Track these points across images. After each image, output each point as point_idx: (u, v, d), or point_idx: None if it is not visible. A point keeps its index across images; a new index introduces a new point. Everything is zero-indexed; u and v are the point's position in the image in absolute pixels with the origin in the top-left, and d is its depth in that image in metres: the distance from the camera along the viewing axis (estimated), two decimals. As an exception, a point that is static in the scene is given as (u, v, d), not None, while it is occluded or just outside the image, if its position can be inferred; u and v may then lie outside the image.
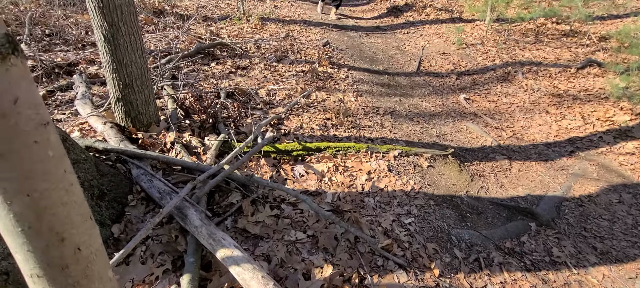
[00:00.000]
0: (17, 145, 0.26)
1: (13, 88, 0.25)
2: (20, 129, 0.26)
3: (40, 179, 0.28)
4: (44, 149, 0.28)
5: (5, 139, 0.25)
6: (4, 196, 0.28)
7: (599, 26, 4.89)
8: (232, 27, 4.36)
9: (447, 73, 3.55)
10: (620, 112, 2.59)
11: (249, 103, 2.56)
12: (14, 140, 0.25)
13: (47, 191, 0.29)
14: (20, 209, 0.28)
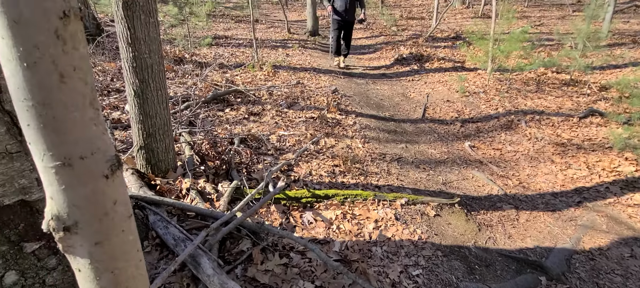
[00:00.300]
0: (111, 234, 0.34)
1: (114, 193, 0.33)
2: (115, 223, 0.34)
3: (121, 259, 0.36)
4: (127, 235, 0.36)
5: (104, 231, 0.33)
6: (95, 273, 0.35)
7: (598, 76, 5.04)
8: (246, 74, 4.63)
9: (452, 120, 3.66)
10: (625, 163, 2.62)
11: (260, 148, 2.67)
12: (110, 231, 0.33)
13: (124, 268, 0.36)
14: (105, 284, 0.35)
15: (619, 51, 6.60)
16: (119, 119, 2.92)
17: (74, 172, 0.33)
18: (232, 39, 7.69)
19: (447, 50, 6.88)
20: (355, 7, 5.18)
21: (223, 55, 5.82)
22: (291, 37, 8.49)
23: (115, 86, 3.62)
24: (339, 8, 5.04)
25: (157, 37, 1.65)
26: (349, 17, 5.13)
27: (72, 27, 0.34)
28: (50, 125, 0.31)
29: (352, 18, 5.19)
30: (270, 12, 14.34)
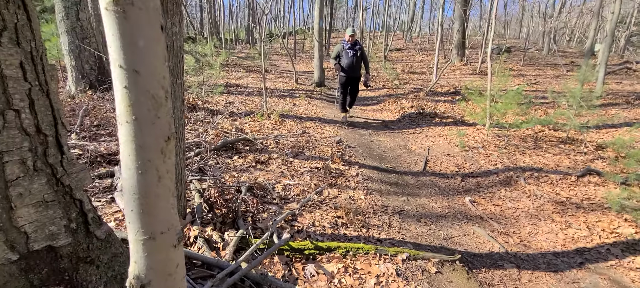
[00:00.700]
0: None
1: (178, 258, 0.43)
2: (176, 281, 0.44)
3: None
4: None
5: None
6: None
7: (594, 134, 5.20)
8: (255, 123, 4.84)
9: (452, 174, 3.76)
10: (625, 224, 2.65)
11: (266, 197, 2.76)
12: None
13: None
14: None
15: (613, 111, 6.84)
16: (132, 164, 3.05)
17: (155, 243, 0.44)
18: (243, 88, 8.09)
19: (447, 104, 7.17)
20: (361, 65, 5.50)
21: (233, 103, 6.11)
22: (298, 87, 8.91)
23: (130, 131, 3.81)
24: (345, 65, 5.36)
25: (182, 95, 1.83)
26: (355, 73, 5.44)
27: (170, 145, 0.47)
28: (146, 211, 0.42)
29: (357, 74, 5.48)
30: (280, 62, 15.15)
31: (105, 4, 0.39)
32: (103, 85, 4.91)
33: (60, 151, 1.19)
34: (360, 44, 5.42)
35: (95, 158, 2.99)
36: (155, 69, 0.42)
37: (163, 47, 0.43)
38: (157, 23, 0.41)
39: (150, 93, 0.42)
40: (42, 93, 1.11)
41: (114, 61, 0.40)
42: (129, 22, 0.39)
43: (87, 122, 3.86)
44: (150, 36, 0.40)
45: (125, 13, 0.38)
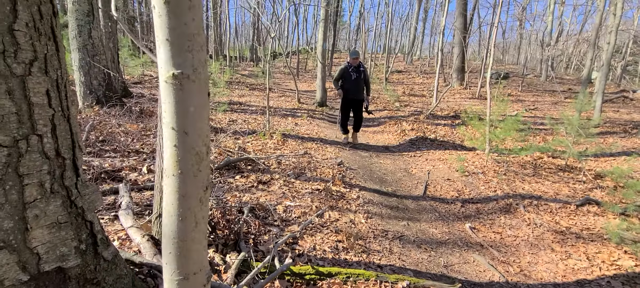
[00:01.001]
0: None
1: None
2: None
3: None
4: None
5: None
6: None
7: (593, 163, 5.25)
8: (257, 142, 4.90)
9: (452, 199, 3.78)
10: (625, 256, 2.66)
11: (267, 218, 2.78)
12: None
13: None
14: None
15: (611, 139, 6.92)
16: (136, 181, 3.08)
17: (188, 282, 0.48)
18: (246, 106, 8.20)
19: (447, 128, 7.26)
20: (363, 87, 5.54)
21: (237, 121, 6.19)
22: (301, 107, 9.03)
23: (134, 147, 3.86)
24: (348, 87, 5.42)
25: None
26: (357, 96, 5.48)
27: (208, 193, 0.52)
28: (183, 254, 0.47)
29: (360, 96, 5.51)
30: (282, 81, 15.38)
31: (165, 78, 0.44)
32: (110, 101, 5.00)
33: (76, 173, 1.23)
34: (363, 66, 5.50)
35: (99, 175, 3.02)
36: (201, 130, 0.47)
37: (208, 110, 0.48)
38: (206, 91, 0.47)
39: (195, 150, 0.47)
40: (64, 118, 1.16)
41: (166, 124, 0.45)
42: (184, 93, 0.44)
43: (93, 137, 3.91)
44: (200, 103, 0.46)
45: (181, 85, 0.43)
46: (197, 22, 0.48)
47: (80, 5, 4.55)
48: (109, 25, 5.54)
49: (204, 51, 0.48)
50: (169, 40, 0.45)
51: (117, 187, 2.79)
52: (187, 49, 0.46)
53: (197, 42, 0.47)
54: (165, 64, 0.46)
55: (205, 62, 0.47)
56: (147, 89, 8.41)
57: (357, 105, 5.59)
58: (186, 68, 0.45)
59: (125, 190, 2.55)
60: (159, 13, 0.46)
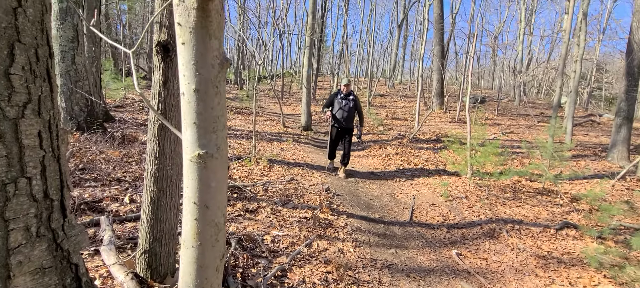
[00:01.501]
0: None
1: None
2: None
3: None
4: None
5: None
6: None
7: (568, 185, 5.49)
8: (243, 168, 4.85)
9: (438, 225, 3.84)
10: (605, 280, 2.76)
11: (255, 249, 2.72)
12: None
13: None
14: None
15: (583, 162, 7.28)
16: (117, 212, 2.97)
17: None
18: (232, 130, 8.15)
19: (429, 152, 7.44)
20: (354, 116, 5.35)
21: (221, 147, 6.13)
22: (286, 131, 9.06)
23: (116, 175, 3.74)
24: (338, 115, 5.25)
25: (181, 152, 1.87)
26: (347, 124, 5.29)
27: (223, 261, 0.52)
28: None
29: (350, 125, 5.33)
30: (267, 104, 15.44)
31: (190, 157, 0.46)
32: (91, 127, 4.86)
33: (63, 214, 1.19)
34: (354, 95, 5.36)
35: (79, 206, 2.90)
36: (221, 202, 0.48)
37: (227, 180, 0.49)
38: (226, 165, 0.48)
39: (214, 222, 0.48)
40: (54, 158, 1.13)
41: (188, 199, 0.46)
42: (207, 171, 0.46)
43: (72, 165, 3.77)
44: (220, 178, 0.48)
45: (205, 164, 0.45)
46: (222, 104, 0.50)
47: (64, 32, 4.49)
48: (93, 50, 5.48)
49: (226, 128, 0.50)
50: (196, 123, 0.48)
51: (98, 219, 2.68)
52: (212, 130, 0.48)
53: (220, 122, 0.49)
54: (191, 145, 0.48)
55: (226, 138, 0.49)
56: (128, 113, 8.25)
57: (347, 135, 5.39)
58: (210, 148, 0.47)
59: (107, 224, 2.45)
60: (188, 100, 0.48)
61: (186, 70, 0.49)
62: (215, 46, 0.49)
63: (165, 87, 1.75)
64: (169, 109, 1.77)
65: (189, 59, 0.48)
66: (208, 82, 0.48)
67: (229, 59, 0.53)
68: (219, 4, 0.46)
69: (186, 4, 0.45)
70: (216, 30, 0.48)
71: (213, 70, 0.48)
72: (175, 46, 1.72)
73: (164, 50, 1.72)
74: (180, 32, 0.49)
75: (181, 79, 0.50)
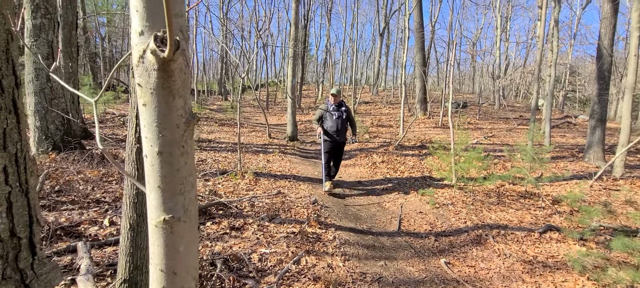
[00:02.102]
0: None
1: None
2: None
3: None
4: None
5: None
6: None
7: (549, 187, 5.64)
8: (228, 183, 4.76)
9: (426, 233, 3.85)
10: (588, 283, 2.82)
11: (242, 270, 2.65)
12: None
13: None
14: None
15: (562, 164, 7.52)
16: (96, 236, 2.85)
17: None
18: (216, 143, 8.02)
19: (415, 159, 7.53)
20: (347, 128, 5.01)
21: (206, 161, 6.01)
22: (272, 142, 8.98)
23: (95, 196, 3.60)
24: (330, 129, 4.84)
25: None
26: (340, 138, 4.93)
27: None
28: None
29: (343, 139, 4.98)
30: (252, 115, 15.33)
31: (155, 223, 0.43)
32: (68, 145, 4.68)
33: (32, 252, 1.12)
34: (345, 105, 5.03)
35: (54, 232, 2.76)
36: (190, 266, 0.45)
37: (197, 242, 0.47)
38: (196, 226, 0.45)
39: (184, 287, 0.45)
40: (21, 193, 1.07)
41: (155, 266, 0.43)
42: (174, 235, 0.43)
43: (48, 187, 3.61)
44: (189, 241, 0.45)
45: (172, 229, 0.42)
46: (189, 164, 0.47)
47: (39, 49, 4.33)
48: (70, 66, 5.30)
49: (194, 188, 0.48)
50: (160, 187, 0.45)
51: (75, 245, 2.56)
52: (179, 192, 0.45)
53: (188, 183, 0.46)
54: (156, 210, 0.45)
55: (195, 198, 0.46)
56: (109, 128, 8.01)
57: (339, 149, 5.07)
58: (177, 211, 0.44)
59: (84, 250, 2.34)
60: (151, 163, 0.45)
61: (148, 132, 0.46)
62: (180, 105, 0.46)
63: (144, 109, 1.69)
64: (148, 131, 1.71)
65: (151, 121, 0.46)
66: (173, 143, 0.46)
67: (195, 115, 0.50)
68: (182, 63, 0.44)
69: (146, 64, 0.43)
70: (180, 88, 0.45)
71: (178, 130, 0.46)
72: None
73: (141, 71, 1.67)
74: (141, 93, 0.46)
75: (143, 141, 0.47)
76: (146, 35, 0.42)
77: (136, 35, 0.43)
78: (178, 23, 0.42)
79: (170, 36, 0.39)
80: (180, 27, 0.42)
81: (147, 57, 0.42)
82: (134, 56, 0.44)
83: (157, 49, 0.41)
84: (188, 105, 0.46)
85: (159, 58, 0.42)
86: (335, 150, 5.04)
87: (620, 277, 2.54)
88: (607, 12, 7.61)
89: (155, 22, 0.42)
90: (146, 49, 0.42)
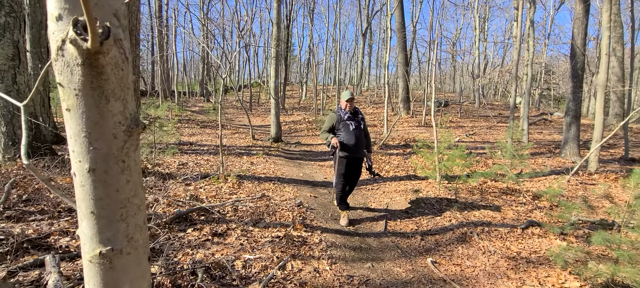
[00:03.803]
0: None
1: None
2: None
3: None
4: None
5: None
6: None
7: (529, 183, 5.78)
8: (210, 187, 4.62)
9: (412, 233, 3.85)
10: (570, 277, 2.87)
11: (225, 278, 2.55)
12: None
13: None
14: None
15: (540, 160, 7.74)
16: (67, 247, 2.67)
17: None
18: (198, 145, 7.81)
19: (399, 158, 7.57)
20: (364, 143, 4.01)
21: (187, 164, 5.82)
22: (255, 143, 8.84)
23: (67, 205, 3.39)
24: (348, 141, 3.82)
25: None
26: (360, 152, 3.93)
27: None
28: None
29: (362, 154, 3.99)
30: (235, 116, 15.07)
31: (89, 257, 0.35)
32: (38, 151, 4.41)
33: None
34: (361, 113, 4.08)
35: (20, 245, 2.57)
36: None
37: (149, 279, 0.39)
38: (145, 257, 0.38)
39: None
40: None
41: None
42: (115, 272, 0.35)
43: (15, 196, 3.38)
44: (137, 275, 0.37)
45: (111, 264, 0.34)
46: (134, 182, 0.39)
47: (3, 49, 4.06)
48: (39, 66, 5.01)
49: (142, 211, 0.39)
50: (94, 213, 0.36)
51: (43, 258, 2.39)
52: (119, 217, 0.37)
53: (133, 205, 0.38)
54: (89, 241, 0.36)
55: (144, 222, 0.38)
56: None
57: (357, 167, 4.05)
58: (118, 241, 0.36)
59: (53, 265, 2.18)
60: (81, 183, 0.36)
61: (75, 144, 0.37)
62: (117, 109, 0.37)
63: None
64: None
65: (78, 130, 0.37)
66: (109, 158, 0.37)
67: (141, 122, 0.42)
68: (117, 56, 0.36)
69: (67, 58, 0.34)
70: (116, 89, 0.36)
71: (115, 141, 0.37)
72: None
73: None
74: (64, 96, 0.36)
75: (71, 156, 0.38)
76: (65, 20, 0.33)
77: (53, 21, 0.34)
78: (109, 5, 0.33)
79: (91, 21, 0.30)
80: (115, 10, 0.34)
81: (68, 49, 0.33)
82: (52, 48, 0.35)
83: (77, 38, 0.32)
84: (130, 109, 0.38)
85: (81, 50, 0.33)
86: (353, 170, 4.01)
87: (600, 271, 2.59)
88: (579, 13, 7.90)
89: (78, 3, 0.32)
90: (65, 39, 0.33)
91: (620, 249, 2.48)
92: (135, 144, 0.40)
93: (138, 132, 0.40)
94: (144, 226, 0.39)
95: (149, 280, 0.39)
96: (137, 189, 0.40)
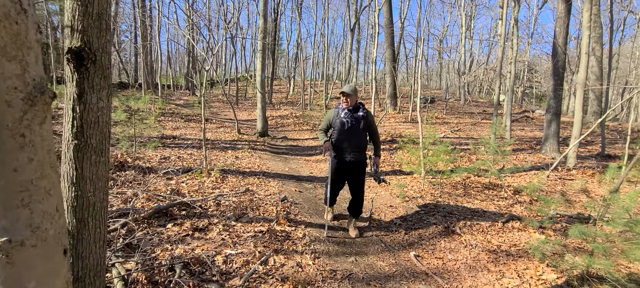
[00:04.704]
0: None
1: None
2: None
3: None
4: None
5: None
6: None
7: (510, 179, 5.90)
8: (193, 181, 4.51)
9: (396, 227, 3.86)
10: (548, 269, 2.93)
11: (204, 274, 2.49)
12: None
13: None
14: None
15: (522, 156, 7.91)
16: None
17: None
18: (181, 140, 7.63)
19: (385, 153, 7.60)
20: (366, 142, 3.45)
21: (170, 159, 5.68)
22: (241, 138, 8.71)
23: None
24: (336, 141, 3.40)
25: (106, 174, 1.61)
26: (356, 155, 3.37)
27: None
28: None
29: (360, 156, 3.40)
30: (221, 110, 14.82)
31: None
32: None
33: None
34: (365, 109, 3.43)
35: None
36: None
37: (66, 276, 0.34)
38: (59, 250, 0.32)
39: None
40: None
41: None
42: (15, 268, 0.29)
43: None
44: (46, 271, 0.31)
45: (9, 258, 0.29)
46: (39, 161, 0.34)
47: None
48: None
49: (53, 196, 0.34)
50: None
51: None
52: (21, 203, 0.32)
53: (38, 189, 0.33)
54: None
55: (59, 210, 0.33)
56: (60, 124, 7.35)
57: (357, 172, 3.45)
58: (19, 232, 0.31)
59: None
60: None
61: None
62: (11, 71, 0.32)
63: (81, 100, 1.49)
64: (87, 126, 1.51)
65: None
66: (3, 131, 0.31)
67: (49, 90, 0.36)
68: (8, 5, 0.30)
69: None
70: (10, 46, 0.31)
71: (11, 111, 0.32)
72: (91, 53, 1.47)
73: (77, 58, 1.46)
74: None
75: None
76: None
77: None
78: None
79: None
80: None
81: None
82: None
83: None
84: (32, 74, 0.32)
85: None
86: (345, 175, 3.49)
87: (576, 263, 2.65)
88: (561, 12, 8.07)
89: None
90: None
91: (596, 242, 2.54)
92: (42, 115, 0.34)
93: (44, 101, 0.35)
94: (55, 215, 0.34)
95: (68, 278, 0.33)
96: (45, 170, 0.34)
